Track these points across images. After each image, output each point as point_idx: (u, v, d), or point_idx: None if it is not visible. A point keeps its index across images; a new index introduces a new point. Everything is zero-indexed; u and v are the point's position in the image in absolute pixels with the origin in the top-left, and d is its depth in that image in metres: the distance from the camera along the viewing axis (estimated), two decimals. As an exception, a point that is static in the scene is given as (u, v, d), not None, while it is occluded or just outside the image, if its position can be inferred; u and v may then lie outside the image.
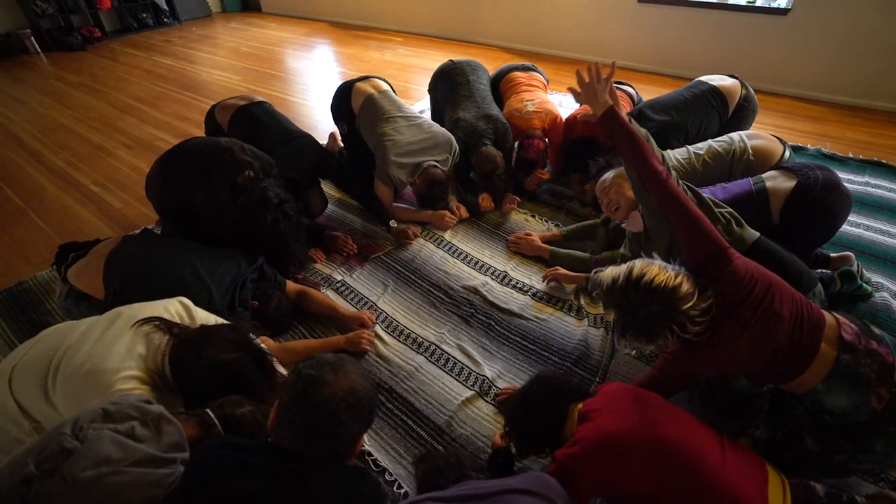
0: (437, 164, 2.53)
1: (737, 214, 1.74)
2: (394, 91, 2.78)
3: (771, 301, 1.26)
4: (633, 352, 1.81)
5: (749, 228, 1.71)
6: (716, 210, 1.70)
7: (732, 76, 2.62)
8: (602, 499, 1.36)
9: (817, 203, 1.82)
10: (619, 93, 2.87)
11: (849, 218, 2.48)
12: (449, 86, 2.91)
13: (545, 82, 3.16)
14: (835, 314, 1.32)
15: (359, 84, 2.70)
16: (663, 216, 1.45)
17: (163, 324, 1.32)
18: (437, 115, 3.05)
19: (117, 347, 1.24)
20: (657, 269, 1.25)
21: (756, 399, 1.51)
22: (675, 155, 2.28)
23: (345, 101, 2.71)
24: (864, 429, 1.21)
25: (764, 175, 1.97)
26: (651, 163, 1.43)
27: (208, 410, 1.11)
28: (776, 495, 1.15)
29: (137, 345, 1.26)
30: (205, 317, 1.49)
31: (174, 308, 1.43)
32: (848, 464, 1.27)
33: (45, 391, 1.23)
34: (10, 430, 1.24)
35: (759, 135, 2.26)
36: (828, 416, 1.25)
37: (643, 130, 1.66)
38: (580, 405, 1.32)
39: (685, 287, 1.22)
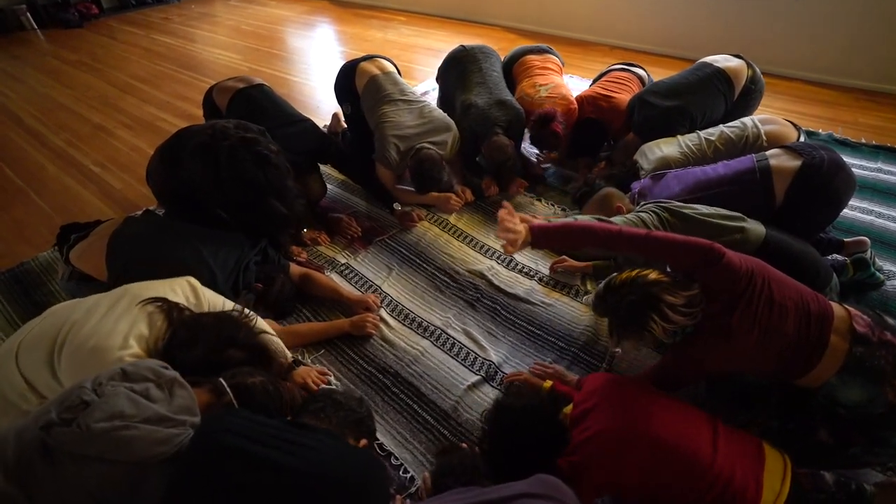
0: (430, 146, 2.46)
1: (733, 214, 1.69)
2: (399, 72, 2.72)
3: (771, 292, 1.25)
4: (632, 352, 1.80)
5: (752, 227, 1.65)
6: (709, 221, 1.66)
7: (738, 56, 2.54)
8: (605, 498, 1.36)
9: (824, 185, 1.77)
10: (628, 75, 2.83)
11: (860, 205, 2.47)
12: (460, 72, 2.82)
13: (560, 65, 3.06)
14: (846, 306, 1.30)
15: (363, 64, 2.65)
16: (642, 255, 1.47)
17: (165, 305, 1.33)
18: (446, 102, 2.97)
19: (121, 325, 1.26)
20: (626, 271, 1.32)
21: (765, 390, 1.49)
22: (686, 141, 2.23)
23: (349, 81, 2.66)
24: (880, 422, 1.20)
25: (767, 153, 1.90)
26: (602, 232, 1.46)
27: (221, 379, 1.15)
28: (773, 478, 1.15)
29: (140, 324, 1.28)
30: (211, 297, 1.49)
31: (181, 288, 1.44)
32: (862, 457, 1.26)
33: (51, 366, 1.24)
34: (19, 404, 1.25)
35: (772, 119, 2.21)
36: (842, 410, 1.23)
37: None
38: (568, 408, 1.31)
39: (653, 275, 1.28)
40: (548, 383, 1.59)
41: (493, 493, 0.98)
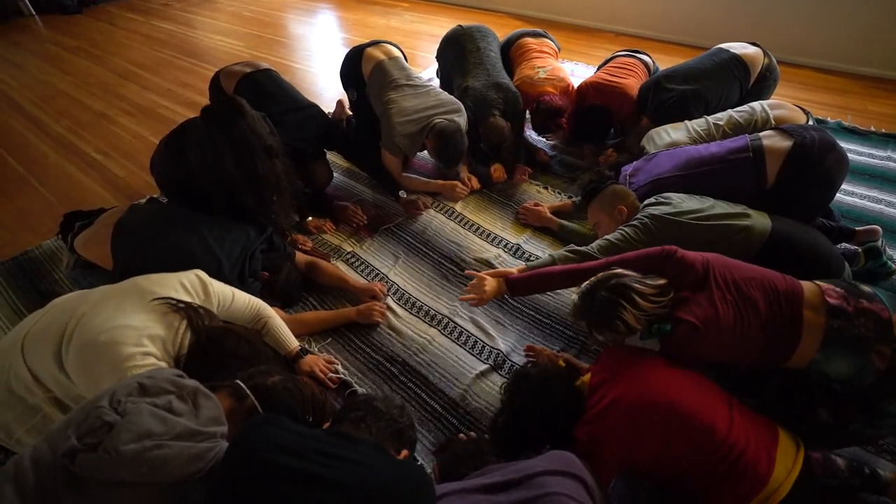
0: (443, 119, 2.38)
1: (735, 211, 1.66)
2: (405, 57, 2.69)
3: (733, 274, 1.32)
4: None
5: (757, 224, 1.62)
6: (705, 224, 1.64)
7: (754, 44, 2.51)
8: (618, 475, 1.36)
9: (815, 165, 1.74)
10: (634, 61, 2.80)
11: (870, 193, 2.45)
12: (458, 52, 2.80)
13: (556, 49, 3.05)
14: (816, 282, 1.30)
15: (369, 49, 2.61)
16: None
17: (183, 310, 1.30)
18: (445, 83, 2.94)
19: (134, 321, 1.23)
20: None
21: (764, 377, 1.48)
22: (694, 126, 2.21)
23: (355, 67, 2.62)
24: (875, 392, 1.20)
25: (761, 133, 1.88)
26: (571, 272, 1.56)
27: (239, 381, 1.12)
28: (786, 456, 1.16)
29: (156, 324, 1.25)
30: (220, 289, 1.47)
31: (189, 283, 1.41)
32: (865, 431, 1.25)
33: (58, 359, 1.21)
34: (25, 398, 1.24)
35: (781, 104, 2.18)
36: (836, 385, 1.23)
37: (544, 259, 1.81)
38: (586, 378, 1.32)
39: (618, 269, 1.36)
40: (561, 361, 1.59)
41: (516, 472, 0.96)
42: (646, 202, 1.80)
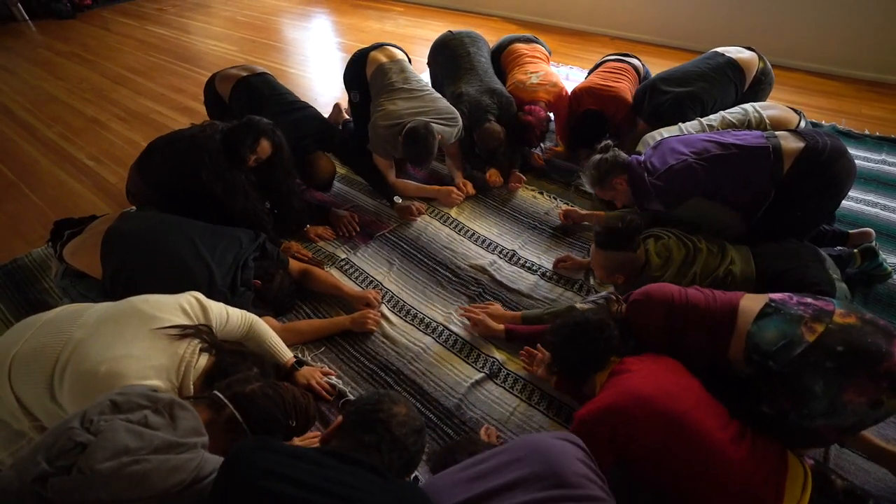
0: (419, 120, 2.34)
1: (718, 274, 1.65)
2: (409, 60, 2.69)
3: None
4: None
5: (739, 277, 1.62)
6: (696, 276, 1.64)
7: (749, 48, 2.52)
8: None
9: (824, 169, 1.72)
10: (624, 65, 2.79)
11: (865, 197, 2.45)
12: (448, 58, 2.79)
13: (547, 54, 3.06)
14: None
15: (373, 53, 2.62)
16: None
17: (191, 335, 1.27)
18: (436, 89, 2.92)
19: (136, 351, 1.18)
20: None
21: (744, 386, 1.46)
22: (688, 128, 2.20)
23: (360, 69, 2.62)
24: (801, 366, 1.16)
25: (776, 133, 1.85)
26: None
27: (216, 392, 1.09)
28: (794, 485, 1.14)
29: (159, 354, 1.20)
30: (217, 310, 1.42)
31: (189, 305, 1.36)
32: (801, 423, 1.19)
33: (50, 389, 1.15)
34: (10, 423, 1.19)
35: (773, 105, 2.19)
36: (771, 363, 1.22)
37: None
38: (618, 360, 1.36)
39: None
40: None
41: (492, 480, 0.94)
42: (644, 272, 1.71)
